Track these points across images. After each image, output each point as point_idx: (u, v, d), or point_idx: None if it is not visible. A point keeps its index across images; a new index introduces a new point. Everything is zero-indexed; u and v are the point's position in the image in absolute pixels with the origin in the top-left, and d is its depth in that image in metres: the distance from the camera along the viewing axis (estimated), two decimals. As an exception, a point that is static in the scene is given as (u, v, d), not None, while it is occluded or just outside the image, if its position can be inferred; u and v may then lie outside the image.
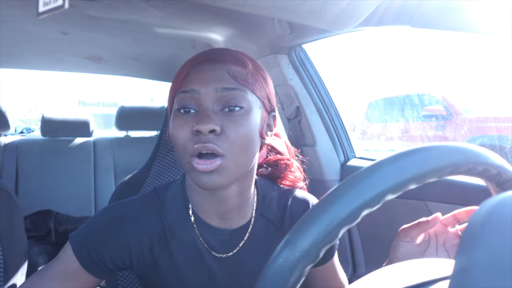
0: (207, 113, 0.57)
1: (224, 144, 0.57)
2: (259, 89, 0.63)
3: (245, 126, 0.58)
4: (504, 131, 2.89)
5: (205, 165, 0.56)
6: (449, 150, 0.34)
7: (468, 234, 0.25)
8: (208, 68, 0.61)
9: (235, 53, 0.65)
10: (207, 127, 0.56)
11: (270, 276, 0.32)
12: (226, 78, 0.60)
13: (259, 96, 0.63)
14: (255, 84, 0.62)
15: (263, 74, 0.66)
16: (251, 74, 0.62)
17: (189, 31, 1.35)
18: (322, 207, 0.33)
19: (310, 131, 1.34)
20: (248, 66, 0.63)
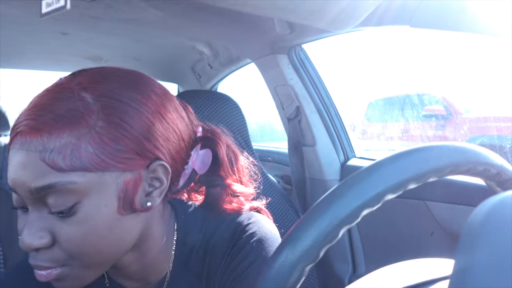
0: (30, 224, 0.43)
1: (60, 256, 0.44)
2: (109, 155, 0.43)
3: (80, 230, 0.43)
4: (504, 131, 2.89)
5: (41, 272, 0.44)
6: (449, 150, 0.34)
7: (468, 234, 0.25)
8: (17, 156, 0.42)
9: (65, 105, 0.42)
10: (27, 244, 0.42)
11: (270, 276, 0.32)
12: (39, 170, 0.41)
13: (111, 163, 0.43)
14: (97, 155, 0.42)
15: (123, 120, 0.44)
16: (90, 140, 0.42)
17: (189, 31, 1.35)
18: (322, 207, 0.33)
19: (310, 131, 1.34)
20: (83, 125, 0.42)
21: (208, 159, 0.58)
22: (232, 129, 1.22)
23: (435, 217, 1.07)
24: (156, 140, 0.47)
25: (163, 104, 0.49)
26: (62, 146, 0.41)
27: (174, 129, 0.50)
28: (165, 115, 0.49)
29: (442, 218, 1.05)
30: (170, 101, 0.51)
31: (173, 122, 0.50)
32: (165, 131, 0.49)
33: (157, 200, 0.49)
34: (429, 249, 1.09)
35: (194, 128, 0.57)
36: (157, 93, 0.49)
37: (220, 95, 1.24)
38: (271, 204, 1.22)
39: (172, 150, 0.50)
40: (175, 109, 0.51)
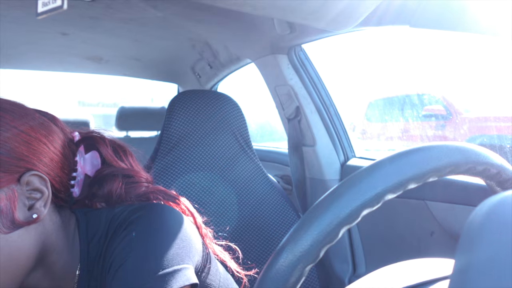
0: None
1: None
2: None
3: None
4: (504, 131, 2.89)
5: None
6: (449, 149, 0.34)
7: (468, 234, 0.25)
8: None
9: None
10: None
11: (270, 276, 0.32)
12: None
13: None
14: None
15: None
16: None
17: (189, 31, 1.35)
18: (322, 207, 0.32)
19: (310, 131, 1.34)
20: None
21: (97, 160, 0.59)
22: (232, 129, 1.22)
23: (435, 217, 1.07)
24: (18, 153, 0.47)
25: (17, 118, 0.49)
26: None
27: (38, 138, 0.50)
28: (23, 128, 0.49)
29: (442, 218, 1.05)
30: (25, 114, 0.51)
31: (36, 132, 0.50)
32: (29, 142, 0.48)
33: (43, 211, 0.48)
34: (429, 249, 1.09)
35: (68, 134, 0.57)
36: (7, 110, 0.49)
37: (220, 95, 1.24)
38: (271, 204, 1.22)
39: (44, 158, 0.50)
40: (34, 119, 0.51)
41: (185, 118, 1.15)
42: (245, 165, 1.22)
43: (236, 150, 1.22)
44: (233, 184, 1.17)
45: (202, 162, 1.16)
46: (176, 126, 1.14)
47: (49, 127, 0.53)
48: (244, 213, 1.18)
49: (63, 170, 0.53)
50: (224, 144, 1.20)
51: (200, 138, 1.17)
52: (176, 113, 1.15)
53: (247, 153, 1.24)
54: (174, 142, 1.14)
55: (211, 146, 1.18)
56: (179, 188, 1.09)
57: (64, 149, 0.54)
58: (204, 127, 1.18)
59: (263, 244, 1.18)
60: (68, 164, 0.54)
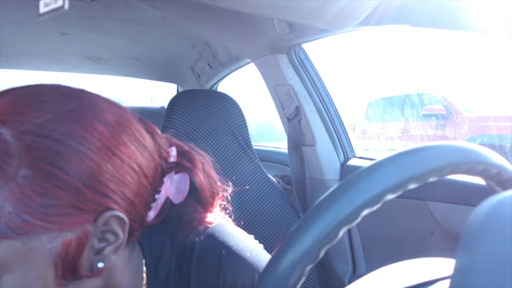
0: None
1: None
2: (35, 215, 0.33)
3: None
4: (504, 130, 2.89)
5: None
6: (449, 149, 0.34)
7: (468, 234, 0.25)
8: None
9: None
10: None
11: (270, 276, 0.32)
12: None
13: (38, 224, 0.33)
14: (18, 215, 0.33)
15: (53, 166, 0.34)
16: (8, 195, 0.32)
17: (189, 31, 1.35)
18: (322, 207, 0.32)
19: (310, 131, 1.34)
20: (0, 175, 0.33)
21: (184, 186, 0.48)
22: (232, 129, 1.22)
23: (435, 217, 1.07)
24: (104, 186, 0.37)
25: (115, 136, 0.38)
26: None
27: (131, 166, 0.39)
28: (118, 151, 0.38)
29: (442, 218, 1.05)
30: (126, 128, 0.40)
31: (130, 158, 0.39)
32: (118, 171, 0.38)
33: (111, 258, 0.40)
34: (429, 249, 1.09)
35: (165, 153, 0.47)
36: (106, 122, 0.38)
37: (220, 95, 1.24)
38: (271, 204, 1.22)
39: (130, 193, 0.40)
40: (134, 138, 0.41)
41: (184, 118, 1.15)
42: (245, 165, 1.22)
43: (236, 150, 1.22)
44: (233, 184, 1.17)
45: (202, 162, 1.16)
46: (176, 126, 1.14)
47: (147, 146, 0.43)
48: (244, 213, 1.18)
49: (147, 204, 0.43)
50: (224, 144, 1.20)
51: (200, 138, 1.17)
52: (176, 113, 1.15)
53: (247, 153, 1.24)
54: (174, 142, 1.14)
55: (211, 146, 1.18)
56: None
57: (155, 175, 0.44)
58: (204, 126, 1.18)
59: (263, 244, 1.18)
60: (153, 191, 0.44)
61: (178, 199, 0.48)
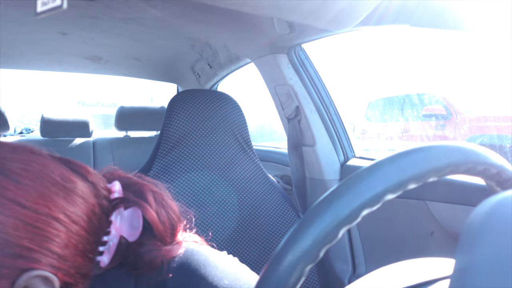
0: None
1: None
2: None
3: None
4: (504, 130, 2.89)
5: None
6: (449, 149, 0.34)
7: (468, 233, 0.25)
8: None
9: None
10: None
11: (269, 276, 0.32)
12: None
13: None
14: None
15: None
16: None
17: (189, 31, 1.35)
18: (322, 207, 0.32)
19: (310, 131, 1.34)
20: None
21: (137, 221, 0.44)
22: (232, 129, 1.22)
23: (435, 217, 1.07)
24: (17, 246, 0.32)
25: (24, 187, 0.34)
26: None
27: (52, 215, 0.35)
28: (29, 202, 0.33)
29: (442, 218, 1.05)
30: (40, 174, 0.35)
31: (48, 207, 0.35)
32: (34, 225, 0.33)
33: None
34: (429, 249, 1.09)
35: (104, 190, 0.43)
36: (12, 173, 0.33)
37: (220, 94, 1.24)
38: (271, 204, 1.22)
39: (56, 246, 0.35)
40: (52, 183, 0.36)
41: (185, 117, 1.15)
42: (245, 165, 1.22)
43: (236, 150, 1.22)
44: (233, 184, 1.17)
45: (202, 162, 1.16)
46: (176, 125, 1.14)
47: (72, 189, 0.38)
48: (244, 213, 1.18)
49: (84, 252, 0.39)
50: (224, 144, 1.20)
51: (200, 138, 1.17)
52: (176, 112, 1.15)
53: (247, 153, 1.24)
54: (174, 142, 1.14)
55: (211, 145, 1.18)
56: (179, 188, 1.09)
57: (91, 218, 0.40)
58: (204, 126, 1.18)
59: (263, 244, 1.18)
60: (93, 236, 0.40)
61: (133, 236, 0.43)
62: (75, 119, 2.22)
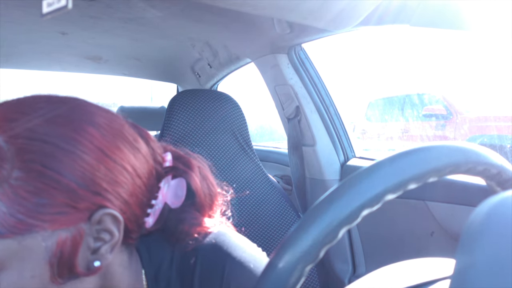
0: None
1: None
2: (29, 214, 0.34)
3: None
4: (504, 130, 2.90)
5: None
6: (449, 149, 0.34)
7: (469, 234, 0.25)
8: None
9: None
10: None
11: (269, 276, 0.32)
12: None
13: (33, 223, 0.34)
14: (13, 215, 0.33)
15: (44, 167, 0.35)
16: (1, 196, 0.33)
17: (189, 31, 1.35)
18: (322, 207, 0.32)
19: (310, 131, 1.34)
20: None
21: (181, 191, 0.48)
22: (232, 129, 1.22)
23: (435, 217, 1.07)
24: (97, 185, 0.38)
25: (106, 138, 0.40)
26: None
27: (124, 166, 0.40)
28: (110, 152, 0.39)
29: (442, 218, 1.05)
30: (117, 131, 0.41)
31: (122, 159, 0.40)
32: (111, 171, 0.39)
33: (108, 258, 0.40)
34: (429, 249, 1.09)
35: (160, 158, 0.48)
36: (98, 125, 0.40)
37: (220, 94, 1.24)
38: (271, 204, 1.22)
39: (124, 193, 0.40)
40: (126, 141, 0.42)
41: (185, 117, 1.15)
42: (245, 165, 1.22)
43: (236, 150, 1.22)
44: (233, 184, 1.17)
45: (202, 162, 1.16)
46: (176, 125, 1.14)
47: (140, 149, 0.44)
48: (244, 213, 1.18)
49: (142, 205, 0.44)
50: (224, 144, 1.20)
51: (200, 138, 1.17)
52: (176, 112, 1.15)
53: (247, 152, 1.24)
54: (173, 142, 1.14)
55: (211, 145, 1.18)
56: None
57: (149, 177, 0.45)
58: (204, 126, 1.17)
59: (263, 244, 1.18)
60: (148, 192, 0.45)
61: (176, 204, 0.48)
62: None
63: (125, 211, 0.41)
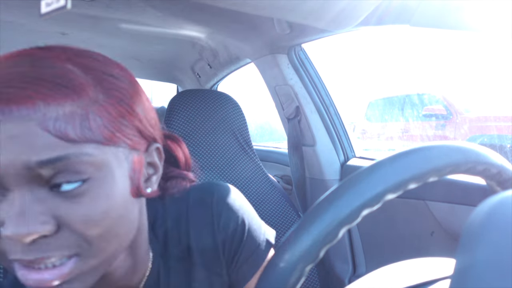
0: (23, 209, 0.34)
1: (71, 241, 0.36)
2: (118, 129, 0.39)
3: (98, 206, 0.37)
4: (504, 130, 2.90)
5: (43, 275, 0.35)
6: (449, 149, 0.34)
7: (469, 233, 0.25)
8: (5, 128, 0.33)
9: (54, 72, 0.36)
10: (25, 234, 0.33)
11: (270, 276, 0.32)
12: (42, 141, 0.34)
13: (121, 138, 0.39)
14: (105, 127, 0.38)
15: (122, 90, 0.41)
16: (96, 111, 0.37)
17: (189, 31, 1.35)
18: (322, 207, 0.32)
19: (310, 131, 1.34)
20: (84, 95, 0.37)
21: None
22: (232, 129, 1.22)
23: (435, 217, 1.07)
24: (150, 120, 0.44)
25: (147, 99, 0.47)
26: (68, 115, 0.35)
27: (153, 115, 0.46)
28: (146, 99, 0.46)
29: (442, 218, 1.05)
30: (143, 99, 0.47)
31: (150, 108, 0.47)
32: (152, 114, 0.45)
33: (155, 187, 0.46)
34: (429, 249, 1.09)
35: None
36: (142, 91, 0.46)
37: (220, 94, 1.24)
38: (271, 204, 1.22)
39: (157, 135, 0.46)
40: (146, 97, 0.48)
41: (185, 117, 1.15)
42: (245, 164, 1.22)
43: (236, 150, 1.22)
44: (233, 184, 1.17)
45: (202, 161, 1.16)
46: (176, 125, 1.14)
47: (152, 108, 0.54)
48: (244, 213, 1.18)
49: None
50: (224, 144, 1.20)
51: (200, 138, 1.17)
52: (176, 112, 1.15)
53: (247, 152, 1.24)
54: (174, 142, 1.13)
55: (211, 145, 1.18)
56: (179, 188, 1.09)
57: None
58: (204, 126, 1.18)
59: (263, 244, 1.18)
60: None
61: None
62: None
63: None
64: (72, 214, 0.36)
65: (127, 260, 0.48)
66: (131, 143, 0.41)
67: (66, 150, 0.35)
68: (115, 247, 0.40)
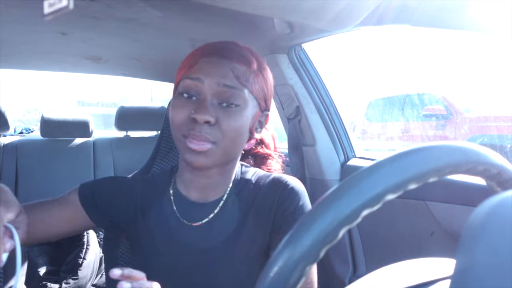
0: (205, 104, 0.64)
1: (216, 134, 0.64)
2: (257, 90, 0.69)
3: (237, 121, 0.65)
4: (504, 130, 2.90)
5: (197, 145, 0.63)
6: (450, 149, 0.34)
7: (469, 234, 0.25)
8: (215, 62, 0.66)
9: (243, 50, 0.69)
10: (203, 117, 0.63)
11: (270, 276, 0.32)
12: (229, 76, 0.65)
13: (256, 96, 0.68)
14: (254, 85, 0.68)
15: (265, 75, 0.71)
16: (253, 75, 0.68)
17: (189, 31, 1.35)
18: (322, 207, 0.32)
19: (310, 131, 1.34)
20: (252, 66, 0.68)
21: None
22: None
23: (435, 217, 1.07)
24: (269, 101, 0.73)
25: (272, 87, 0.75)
26: (244, 71, 0.66)
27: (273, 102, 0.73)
28: (271, 92, 0.74)
29: (442, 218, 1.05)
30: None
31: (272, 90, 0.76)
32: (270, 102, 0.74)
33: (257, 136, 0.74)
34: (429, 249, 1.09)
35: None
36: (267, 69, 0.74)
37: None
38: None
39: (269, 107, 0.74)
40: None
41: (185, 118, 1.15)
42: (245, 165, 1.22)
43: (236, 150, 1.22)
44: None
45: (202, 162, 1.16)
46: (176, 126, 1.14)
47: None
48: (244, 213, 1.18)
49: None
50: (224, 144, 1.20)
51: (200, 138, 1.17)
52: (176, 113, 1.15)
53: (247, 153, 1.24)
54: (174, 142, 1.13)
55: (211, 146, 1.18)
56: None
57: None
58: (204, 127, 1.17)
59: (263, 244, 1.18)
60: None
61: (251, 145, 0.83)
62: (75, 119, 2.22)
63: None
64: (223, 119, 0.64)
65: (212, 177, 0.71)
66: (259, 101, 0.69)
67: (236, 84, 0.65)
68: (231, 150, 0.68)
